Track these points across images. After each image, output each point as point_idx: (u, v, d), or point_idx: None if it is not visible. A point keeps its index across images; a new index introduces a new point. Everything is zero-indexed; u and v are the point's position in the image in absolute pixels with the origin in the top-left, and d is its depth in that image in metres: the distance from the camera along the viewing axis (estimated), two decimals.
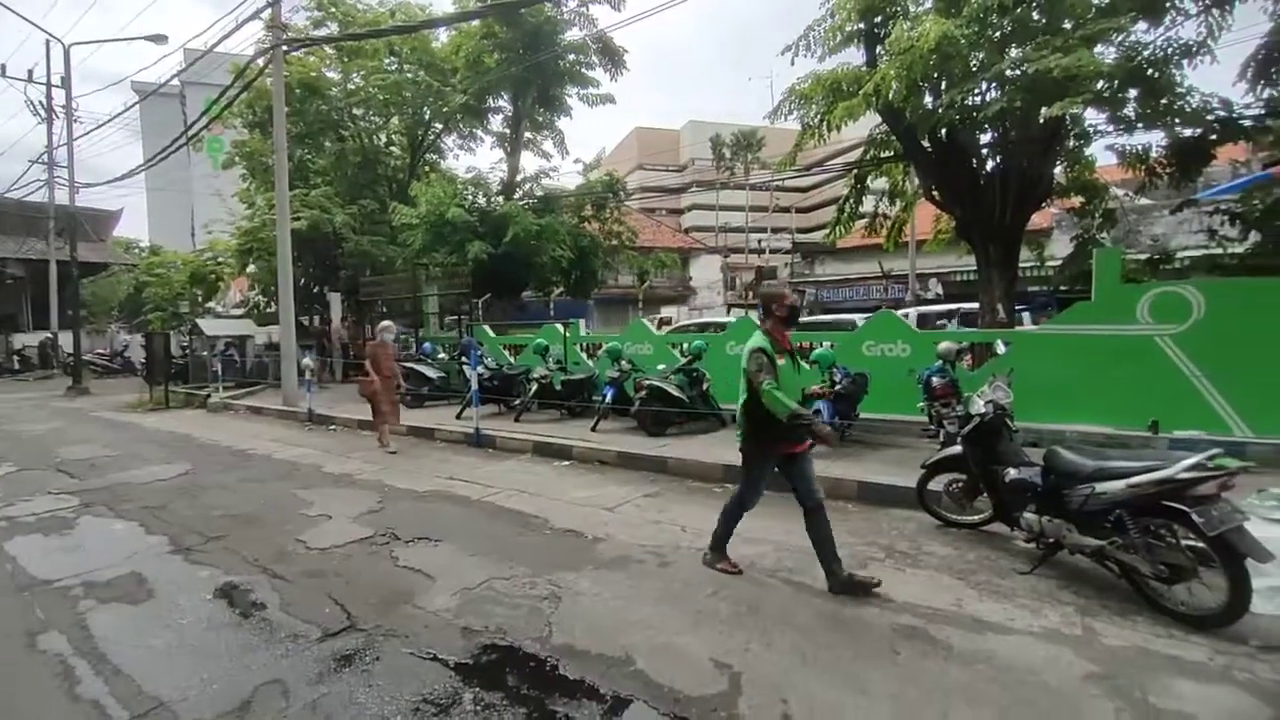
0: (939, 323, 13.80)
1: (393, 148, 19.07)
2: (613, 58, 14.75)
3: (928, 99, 8.67)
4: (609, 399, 8.71)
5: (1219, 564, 3.00)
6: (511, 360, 12.06)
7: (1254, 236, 8.23)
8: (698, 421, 8.82)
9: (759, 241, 37.86)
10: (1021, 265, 14.06)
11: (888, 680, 2.72)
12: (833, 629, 3.17)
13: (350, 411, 10.47)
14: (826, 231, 12.62)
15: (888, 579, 3.78)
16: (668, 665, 2.87)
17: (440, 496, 5.91)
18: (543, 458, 7.63)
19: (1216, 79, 7.68)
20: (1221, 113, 7.67)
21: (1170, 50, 7.68)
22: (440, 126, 17.90)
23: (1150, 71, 7.57)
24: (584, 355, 11.59)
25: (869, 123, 10.06)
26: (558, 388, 10.00)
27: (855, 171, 11.63)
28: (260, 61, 12.49)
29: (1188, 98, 7.68)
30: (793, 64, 15.44)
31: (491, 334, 12.95)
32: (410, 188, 15.90)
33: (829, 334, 10.33)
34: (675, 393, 8.36)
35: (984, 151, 9.18)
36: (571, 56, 15.01)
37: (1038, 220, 14.25)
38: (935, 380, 6.82)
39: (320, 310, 18.54)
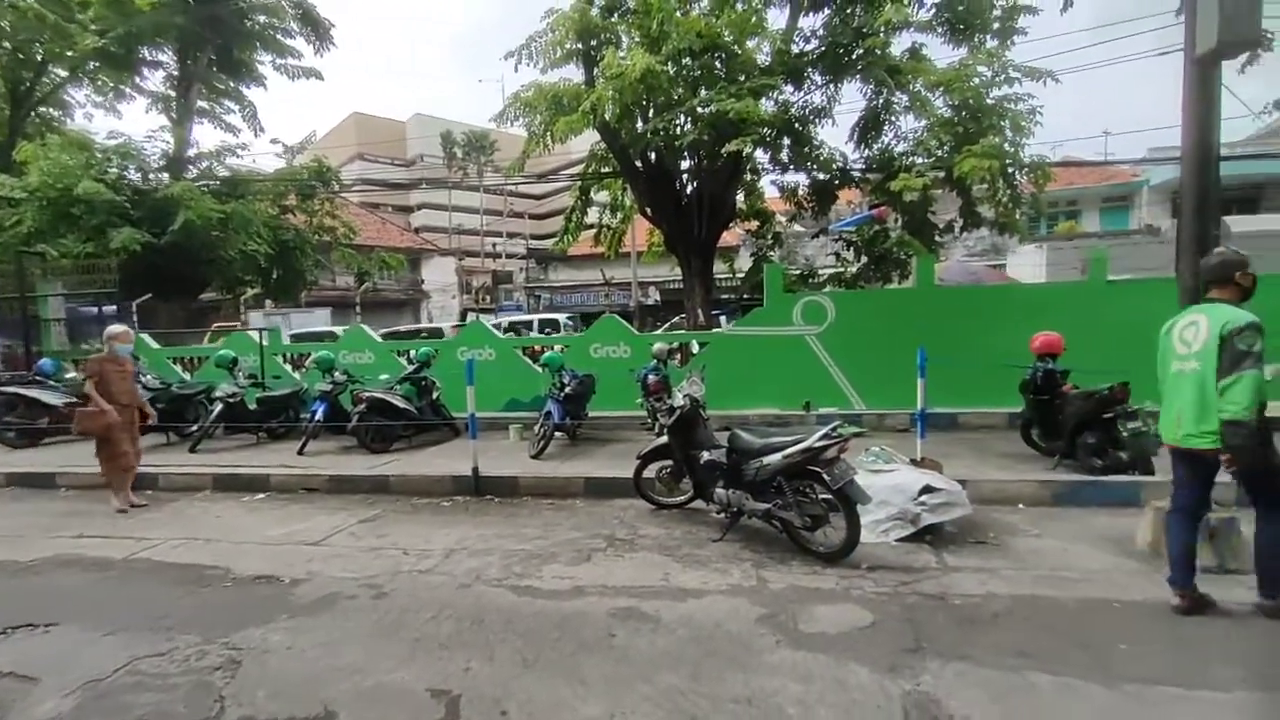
0: (528, 332, 16.51)
1: None
2: (316, 29, 13.04)
3: (639, 123, 9.59)
4: (319, 416, 7.64)
5: (841, 510, 3.89)
6: (185, 377, 9.78)
7: (863, 259, 10.98)
8: (428, 433, 8.30)
9: (494, 245, 37.53)
10: (720, 276, 16.44)
11: (604, 664, 2.88)
12: (555, 627, 3.23)
13: None
14: (556, 240, 13.09)
15: (609, 566, 4.03)
16: (376, 710, 2.58)
17: (59, 564, 4.44)
18: (228, 493, 6.32)
19: (837, 138, 10.08)
20: (840, 164, 10.08)
21: (808, 111, 9.85)
22: (64, 74, 13.63)
23: (797, 125, 9.59)
24: (288, 367, 10.00)
25: (594, 137, 10.72)
26: (253, 407, 8.43)
27: (580, 183, 12.27)
28: None
29: (820, 149, 9.93)
30: (516, 70, 15.61)
31: (154, 345, 10.32)
32: (17, 150, 11.76)
33: (543, 339, 10.69)
34: (401, 404, 7.73)
35: (685, 175, 10.54)
36: (262, 18, 12.82)
37: (729, 238, 16.96)
38: (651, 378, 7.55)
39: None
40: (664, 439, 4.96)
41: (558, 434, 7.46)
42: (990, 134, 7.74)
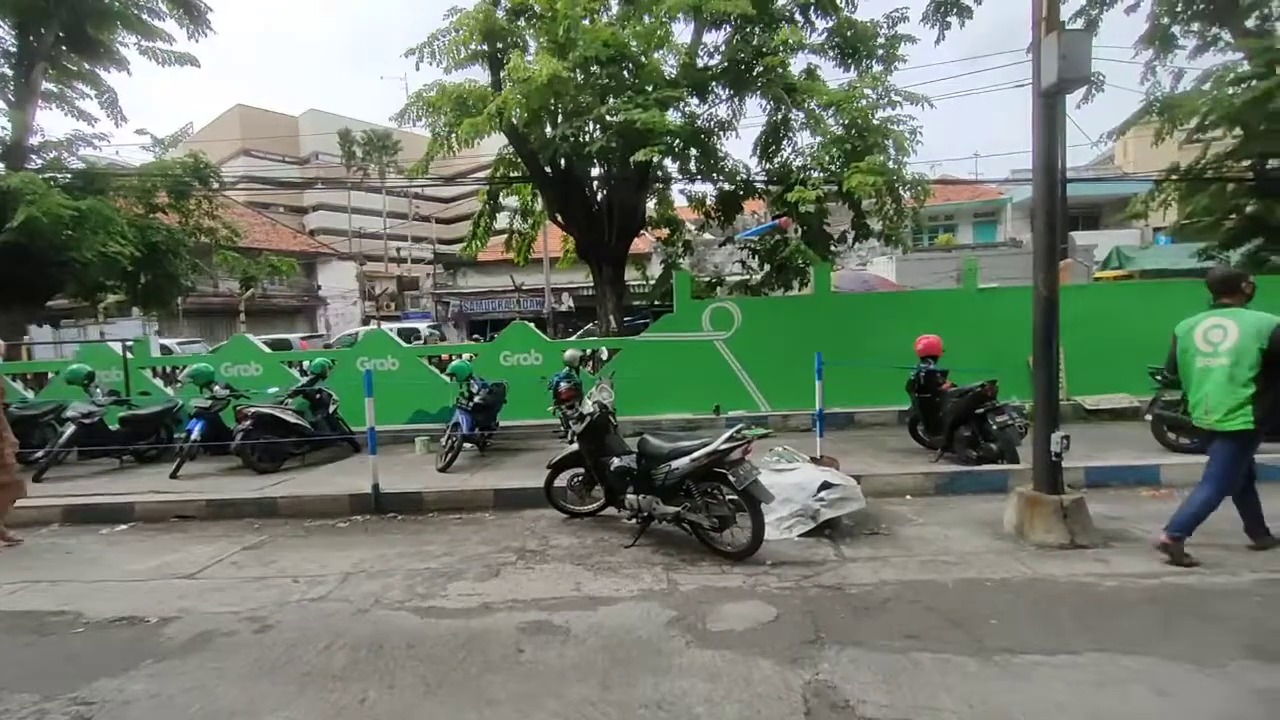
0: (415, 340, 16.92)
1: None
2: (189, 10, 11.92)
3: (548, 129, 9.51)
4: (195, 435, 6.95)
5: (746, 510, 4.02)
6: (28, 396, 8.60)
7: (766, 267, 11.45)
8: (324, 450, 7.77)
9: (398, 250, 35.87)
10: (634, 283, 16.56)
11: (512, 681, 2.79)
12: (461, 647, 3.11)
13: None
14: (464, 245, 12.70)
15: (519, 579, 3.94)
16: None
17: None
18: (83, 526, 5.60)
19: (742, 150, 10.50)
20: (744, 175, 10.48)
21: (713, 124, 10.18)
22: None
23: (703, 137, 9.88)
24: (159, 382, 9.04)
25: (503, 140, 10.50)
26: (114, 428, 7.54)
27: (489, 187, 11.99)
28: None
29: (726, 161, 10.28)
30: (418, 69, 15.05)
31: None
32: None
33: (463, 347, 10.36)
34: (292, 419, 7.19)
35: (595, 182, 10.56)
36: None
37: (641, 245, 17.18)
38: (563, 385, 7.46)
39: None
40: (575, 447, 4.92)
41: (467, 445, 7.22)
42: (876, 152, 8.34)
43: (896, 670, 2.76)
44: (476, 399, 7.36)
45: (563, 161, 9.73)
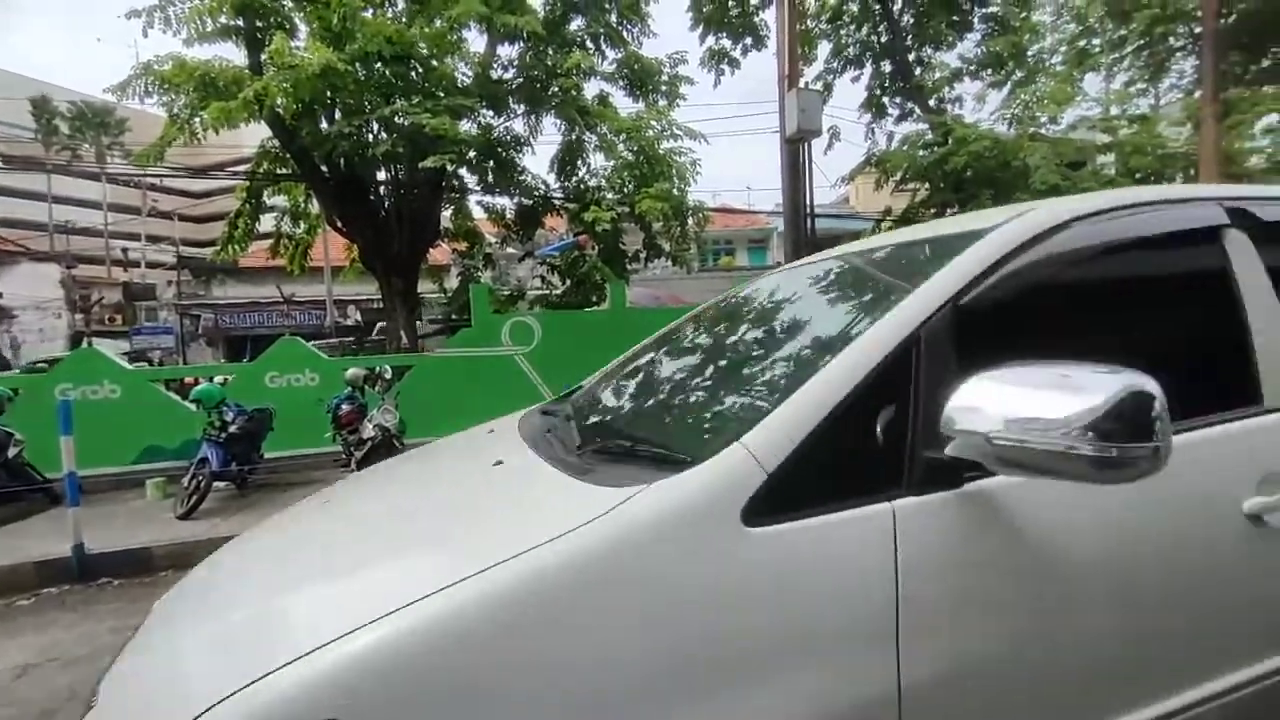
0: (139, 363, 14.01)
1: None
2: None
3: (324, 124, 8.61)
4: None
5: None
6: None
7: (567, 282, 11.67)
8: (4, 506, 5.99)
9: (124, 251, 29.35)
10: (431, 295, 15.67)
11: None
12: None
13: None
14: (217, 248, 10.86)
15: None
16: None
17: None
18: None
19: (541, 166, 10.59)
20: (543, 191, 10.58)
21: (509, 137, 10.12)
22: None
23: (500, 150, 9.76)
24: None
25: (266, 131, 9.20)
26: None
27: (249, 183, 10.43)
28: None
29: (524, 175, 10.29)
30: (146, 36, 12.63)
31: None
32: None
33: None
34: None
35: (382, 187, 9.80)
36: None
37: (439, 257, 16.34)
38: (344, 407, 6.75)
39: None
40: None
41: (219, 484, 6.12)
42: (662, 179, 9.03)
43: None
44: (232, 428, 6.29)
45: (342, 162, 8.88)
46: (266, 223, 11.54)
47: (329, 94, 7.81)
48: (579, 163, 10.51)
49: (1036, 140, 11.91)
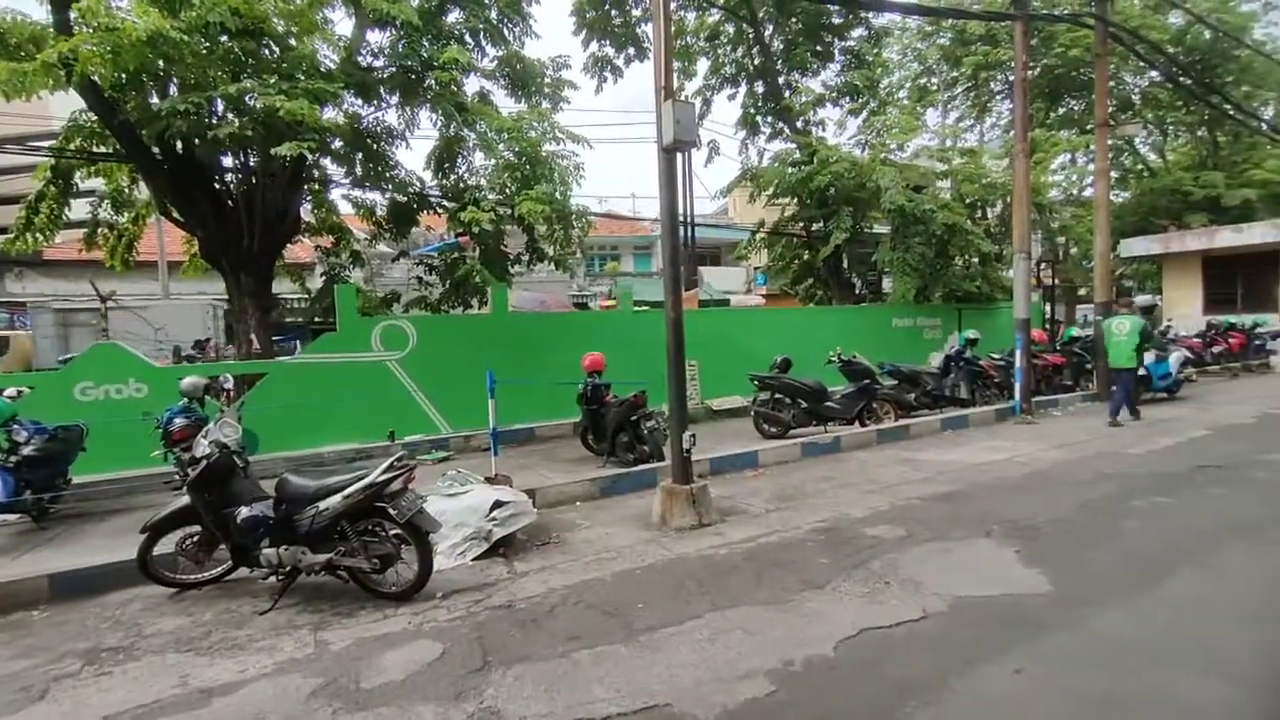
0: None
1: None
2: None
3: (154, 98, 7.55)
4: None
5: (413, 543, 3.74)
6: None
7: (446, 284, 11.13)
8: None
9: None
10: (289, 296, 14.27)
11: None
12: None
13: None
14: (12, 236, 9.12)
15: (84, 693, 2.90)
16: None
17: None
18: None
19: (417, 162, 10.00)
20: (418, 188, 10.01)
21: (380, 129, 9.47)
22: None
23: (369, 141, 9.10)
24: None
25: (80, 102, 7.87)
26: None
27: (55, 162, 8.87)
28: None
29: (398, 170, 9.66)
30: None
31: None
32: None
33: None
34: None
35: (231, 175, 8.76)
36: None
37: (301, 254, 14.91)
38: (178, 421, 5.96)
39: None
40: (185, 499, 3.90)
41: (10, 516, 5.14)
42: (544, 182, 8.88)
43: (557, 676, 2.87)
44: (28, 450, 5.33)
45: (179, 143, 7.83)
46: (79, 208, 9.89)
47: (161, 65, 6.85)
48: (458, 161, 10.06)
49: (887, 165, 13.21)
